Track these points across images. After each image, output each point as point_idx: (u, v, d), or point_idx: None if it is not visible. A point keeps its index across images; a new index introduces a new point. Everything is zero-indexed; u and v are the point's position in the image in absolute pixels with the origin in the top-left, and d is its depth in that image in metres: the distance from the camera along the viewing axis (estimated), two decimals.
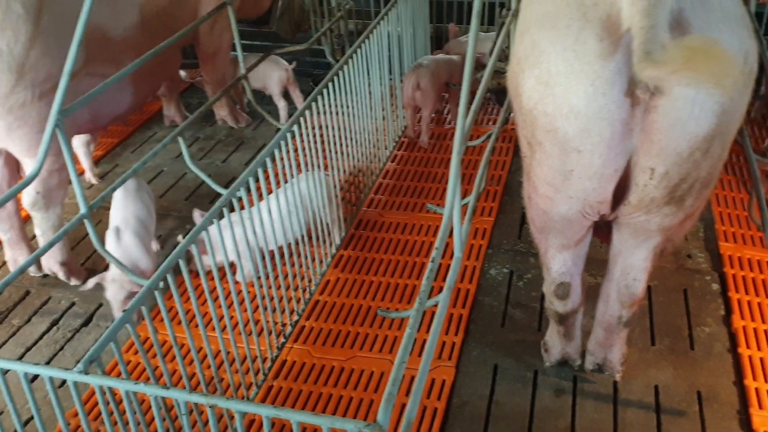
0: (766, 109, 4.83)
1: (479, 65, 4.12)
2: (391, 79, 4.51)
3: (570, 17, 2.00)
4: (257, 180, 2.80)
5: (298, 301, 3.30)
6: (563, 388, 2.91)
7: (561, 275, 2.63)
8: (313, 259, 3.44)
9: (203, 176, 3.30)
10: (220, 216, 2.65)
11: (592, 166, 2.11)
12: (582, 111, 2.01)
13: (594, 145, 2.06)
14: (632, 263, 2.53)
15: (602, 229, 2.61)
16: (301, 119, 3.17)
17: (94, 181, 4.49)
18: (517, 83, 2.22)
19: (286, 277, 3.29)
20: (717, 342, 3.10)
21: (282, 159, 2.99)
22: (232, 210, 2.77)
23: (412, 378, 2.93)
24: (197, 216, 3.33)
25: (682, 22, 1.90)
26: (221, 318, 3.26)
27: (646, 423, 2.74)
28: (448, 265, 2.92)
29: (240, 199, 2.76)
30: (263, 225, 2.92)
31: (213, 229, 2.61)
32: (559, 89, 2.03)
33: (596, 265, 3.12)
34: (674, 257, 3.62)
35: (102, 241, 2.97)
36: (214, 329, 2.88)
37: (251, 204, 2.89)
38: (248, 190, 2.76)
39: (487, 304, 3.36)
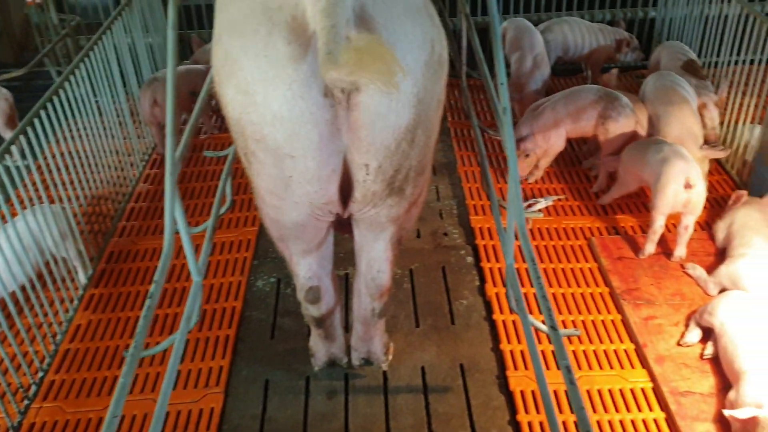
0: (512, 89, 5.16)
1: None
2: (128, 93, 4.26)
3: (257, 22, 1.93)
4: None
5: (41, 358, 2.98)
6: (335, 389, 2.89)
7: (309, 280, 2.59)
8: (53, 308, 3.12)
9: None
10: None
11: (308, 169, 2.08)
12: (285, 116, 1.96)
13: (305, 149, 2.02)
14: (374, 256, 2.55)
15: (347, 226, 2.60)
16: (7, 153, 2.85)
17: None
18: (220, 94, 2.13)
19: (17, 333, 2.95)
20: (474, 312, 3.25)
21: None
22: None
23: (179, 413, 2.77)
24: None
25: (366, 18, 1.90)
26: None
27: (415, 406, 2.80)
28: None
29: None
30: None
31: None
32: (259, 97, 1.96)
33: None
34: (432, 237, 3.76)
35: None
36: None
37: None
38: None
39: (255, 318, 3.27)
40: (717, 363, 2.83)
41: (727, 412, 2.46)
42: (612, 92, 3.89)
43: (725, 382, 2.75)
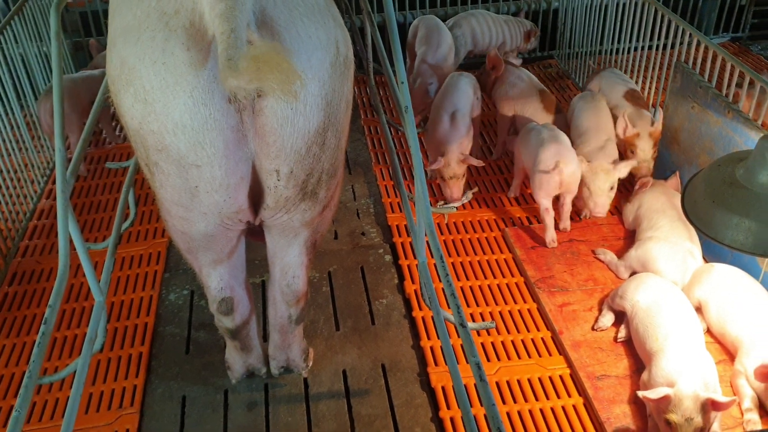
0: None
1: None
2: (24, 106, 4.05)
3: (153, 29, 1.85)
4: None
5: None
6: (255, 400, 2.83)
7: (221, 291, 2.52)
8: None
9: None
10: None
11: (215, 178, 2.02)
12: (188, 124, 1.89)
13: (211, 157, 1.96)
14: (288, 262, 2.50)
15: (259, 233, 2.54)
16: None
17: None
18: (117, 103, 2.04)
19: None
20: (394, 311, 3.24)
21: None
22: None
23: None
24: None
25: (267, 21, 1.85)
26: None
27: (337, 411, 2.77)
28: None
29: None
30: None
31: None
32: (158, 105, 1.89)
33: None
34: (349, 237, 3.72)
35: None
36: None
37: None
38: None
39: (169, 333, 3.16)
40: (630, 345, 2.90)
41: (641, 393, 2.52)
42: (468, 74, 4.09)
43: (639, 363, 2.82)
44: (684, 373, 2.50)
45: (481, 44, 4.97)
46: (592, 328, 3.02)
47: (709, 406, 2.40)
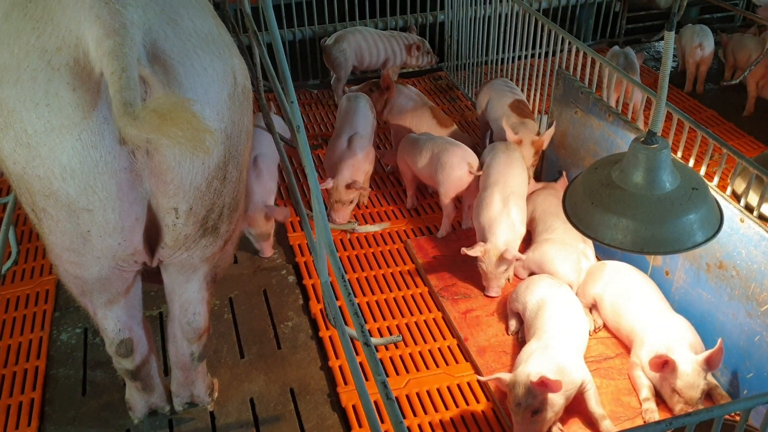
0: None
1: None
2: None
3: (33, 68, 1.73)
4: None
5: None
6: None
7: (119, 333, 2.40)
8: None
9: None
10: None
11: (109, 222, 1.93)
12: (77, 169, 1.80)
13: (103, 201, 1.87)
14: (188, 298, 2.42)
15: (153, 274, 2.42)
16: None
17: None
18: None
19: None
20: (301, 332, 3.19)
21: None
22: None
23: None
24: None
25: (160, 55, 1.78)
26: None
27: None
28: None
29: None
30: None
31: None
32: (44, 149, 1.78)
33: None
34: (250, 261, 3.64)
35: None
36: None
37: None
38: None
39: (63, 375, 2.98)
40: None
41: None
42: (363, 94, 4.12)
43: None
44: (529, 361, 2.61)
45: (367, 61, 5.00)
46: (508, 333, 3.06)
47: (535, 388, 2.48)
